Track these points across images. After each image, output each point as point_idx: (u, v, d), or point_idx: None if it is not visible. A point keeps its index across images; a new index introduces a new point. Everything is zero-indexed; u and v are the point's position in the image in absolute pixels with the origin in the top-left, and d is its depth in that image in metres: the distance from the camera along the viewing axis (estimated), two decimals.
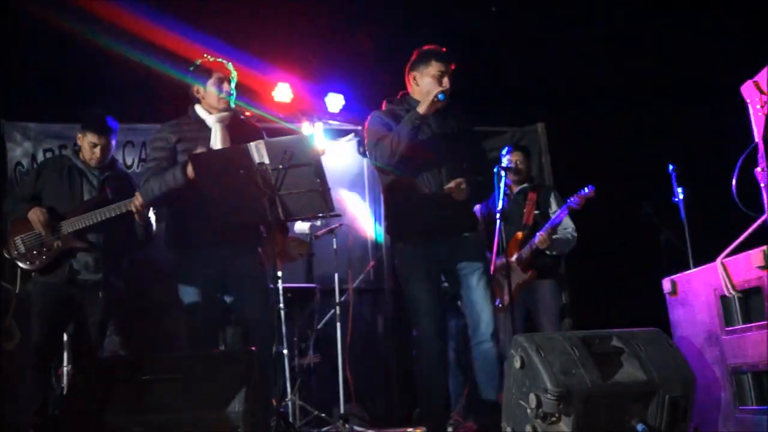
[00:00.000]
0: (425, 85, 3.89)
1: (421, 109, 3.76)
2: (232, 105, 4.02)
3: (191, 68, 4.07)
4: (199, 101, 4.03)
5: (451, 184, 3.79)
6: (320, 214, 3.54)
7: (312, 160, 3.37)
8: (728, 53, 5.95)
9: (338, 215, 3.63)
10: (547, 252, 5.14)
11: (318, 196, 3.38)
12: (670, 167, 4.66)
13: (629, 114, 6.50)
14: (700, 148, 5.92)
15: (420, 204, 3.82)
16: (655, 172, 4.90)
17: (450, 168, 3.86)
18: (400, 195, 3.91)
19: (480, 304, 3.82)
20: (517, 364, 3.08)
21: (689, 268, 4.10)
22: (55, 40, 5.76)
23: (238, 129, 4.00)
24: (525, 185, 5.40)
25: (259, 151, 3.38)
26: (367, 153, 3.97)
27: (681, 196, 4.55)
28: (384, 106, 4.05)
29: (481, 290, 3.83)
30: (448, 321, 5.56)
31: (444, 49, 3.97)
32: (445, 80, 3.84)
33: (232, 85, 4.01)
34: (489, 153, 6.96)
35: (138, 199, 4.03)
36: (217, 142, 3.84)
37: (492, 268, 5.10)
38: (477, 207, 4.93)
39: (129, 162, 6.40)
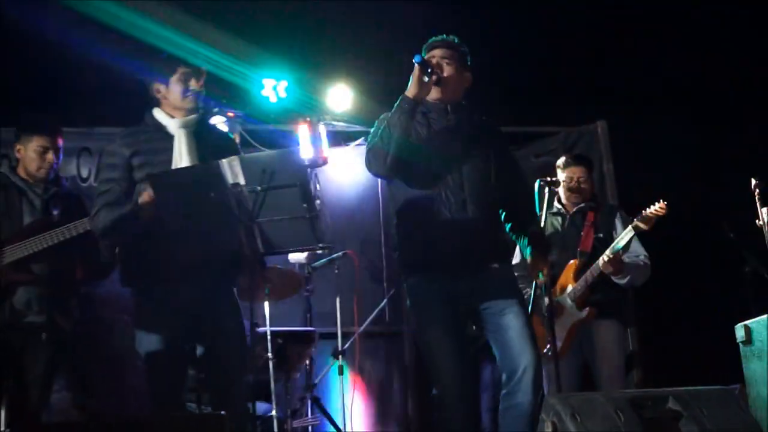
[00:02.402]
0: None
1: (409, 91, 3.83)
2: (200, 106, 4.12)
3: (152, 62, 4.17)
4: (158, 103, 4.13)
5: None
6: (308, 246, 3.67)
7: (297, 181, 3.51)
8: None
9: (329, 247, 3.76)
10: (616, 280, 5.17)
11: (305, 225, 3.52)
12: (753, 182, 4.72)
13: (708, 114, 6.58)
14: None
15: (437, 228, 3.89)
16: (737, 188, 4.99)
17: (473, 182, 3.95)
18: (413, 217, 3.98)
19: (516, 346, 3.83)
20: (548, 431, 3.20)
21: None
22: None
23: (208, 138, 4.11)
24: (584, 204, 5.47)
25: (232, 169, 3.52)
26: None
27: (766, 219, 4.62)
28: None
29: (517, 329, 3.85)
30: (482, 370, 5.68)
31: (435, 39, 4.11)
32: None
33: (201, 82, 4.09)
34: (538, 158, 7.17)
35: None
36: (182, 154, 3.94)
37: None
38: None
39: (84, 173, 6.61)
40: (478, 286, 3.93)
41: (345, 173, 7.04)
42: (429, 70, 3.84)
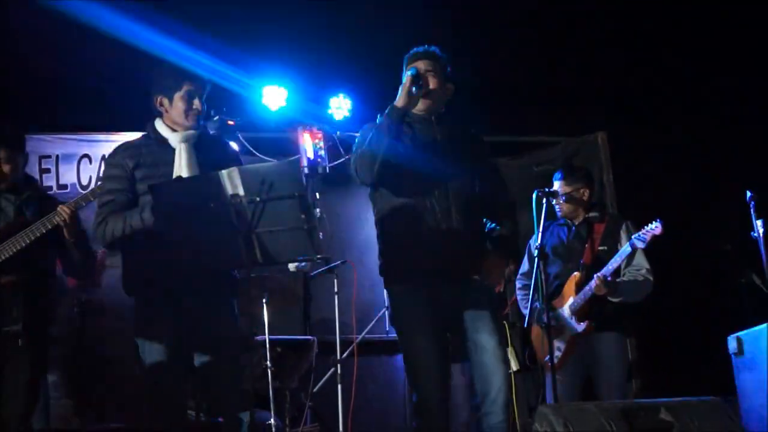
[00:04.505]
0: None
1: (398, 101, 4.02)
2: (200, 124, 4.19)
3: (158, 74, 4.20)
4: (161, 115, 4.19)
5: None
6: (306, 257, 3.74)
7: (296, 191, 3.59)
8: None
9: (326, 258, 3.83)
10: (611, 299, 5.18)
11: (303, 235, 3.59)
12: (748, 195, 4.78)
13: (708, 125, 6.67)
14: None
15: (422, 237, 4.05)
16: (734, 200, 5.07)
17: (458, 192, 4.11)
18: (397, 226, 4.13)
19: (490, 365, 4.02)
20: None
21: None
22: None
23: (210, 150, 4.18)
24: (591, 215, 5.49)
25: (232, 181, 3.61)
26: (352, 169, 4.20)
27: (761, 231, 4.69)
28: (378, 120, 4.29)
29: (490, 351, 4.03)
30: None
31: (418, 50, 4.28)
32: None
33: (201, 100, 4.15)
34: (538, 167, 7.25)
35: (65, 211, 4.22)
36: (182, 167, 4.02)
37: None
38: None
39: (85, 181, 6.69)
40: (458, 296, 4.09)
41: (345, 181, 7.12)
42: (420, 83, 4.03)
